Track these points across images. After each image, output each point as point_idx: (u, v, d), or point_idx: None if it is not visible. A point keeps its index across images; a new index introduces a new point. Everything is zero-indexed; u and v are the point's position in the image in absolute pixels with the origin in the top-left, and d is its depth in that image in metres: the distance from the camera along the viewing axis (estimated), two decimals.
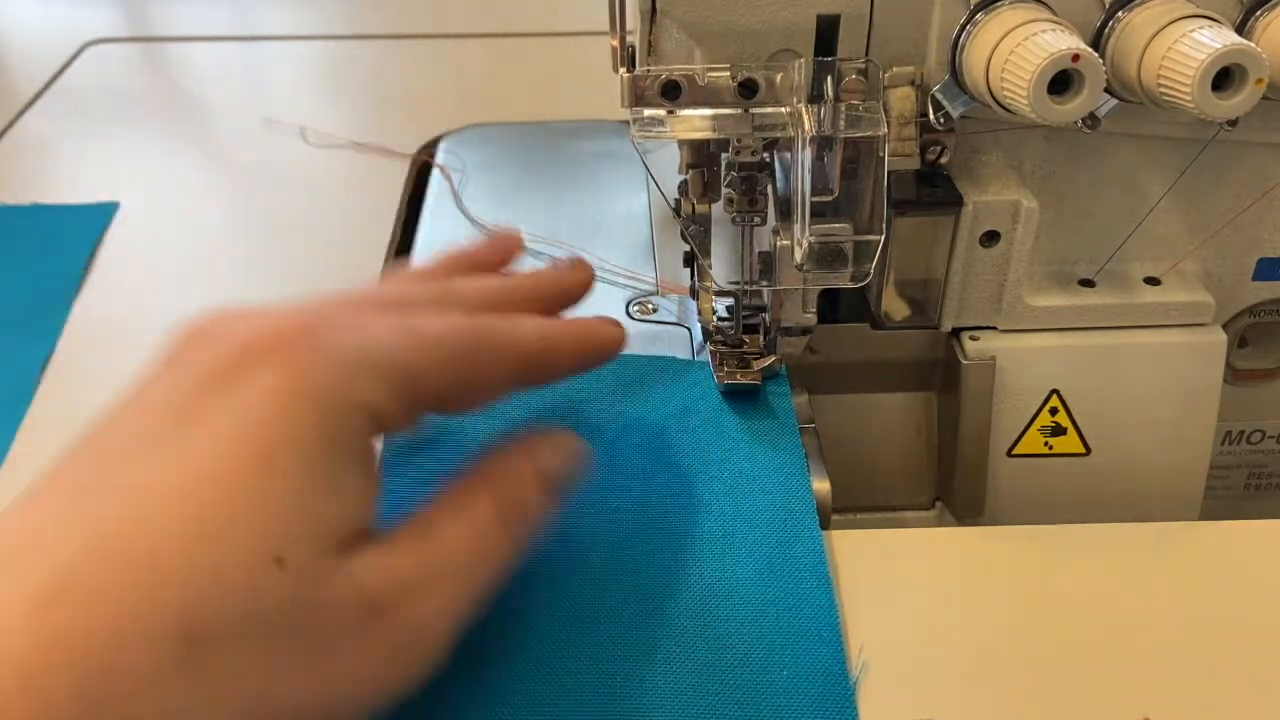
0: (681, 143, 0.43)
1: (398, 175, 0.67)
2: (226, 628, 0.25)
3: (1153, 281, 0.45)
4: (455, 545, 0.31)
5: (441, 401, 0.32)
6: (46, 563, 0.25)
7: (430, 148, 0.69)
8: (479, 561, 0.31)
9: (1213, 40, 0.34)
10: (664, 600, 0.35)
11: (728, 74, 0.39)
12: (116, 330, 0.55)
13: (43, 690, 0.23)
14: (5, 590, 0.25)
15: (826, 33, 0.39)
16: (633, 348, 0.50)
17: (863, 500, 0.49)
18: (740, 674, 0.34)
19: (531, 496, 0.33)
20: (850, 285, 0.41)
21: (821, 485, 0.41)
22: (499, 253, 0.40)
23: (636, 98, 0.39)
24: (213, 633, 0.25)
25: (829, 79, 0.38)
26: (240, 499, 0.26)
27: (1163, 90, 0.36)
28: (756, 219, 0.42)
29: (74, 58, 0.84)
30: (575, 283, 0.39)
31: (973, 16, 0.38)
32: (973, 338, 0.45)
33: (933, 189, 0.42)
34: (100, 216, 0.63)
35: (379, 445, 0.31)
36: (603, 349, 0.37)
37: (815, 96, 0.39)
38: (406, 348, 0.30)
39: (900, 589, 0.37)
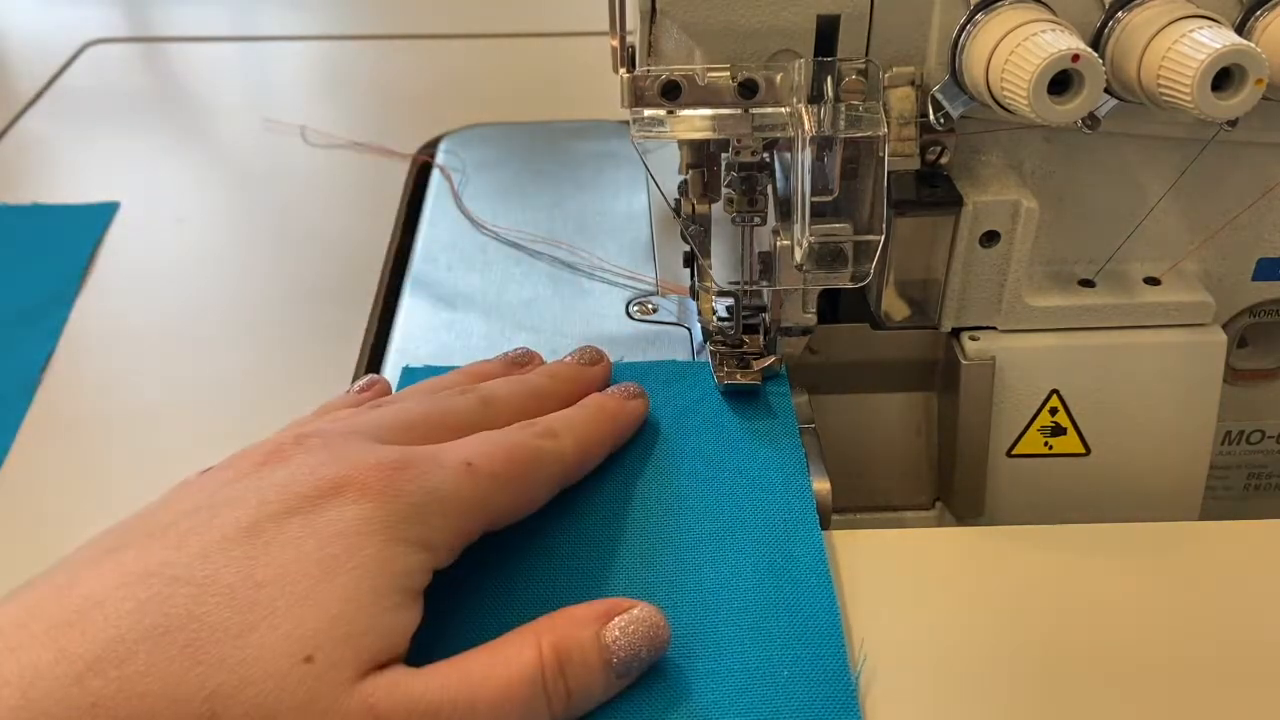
0: (681, 143, 0.43)
1: (398, 175, 0.67)
2: (245, 715, 0.27)
3: (1153, 281, 0.45)
4: (485, 687, 0.30)
5: (493, 525, 0.35)
6: (97, 636, 0.27)
7: (430, 148, 0.70)
8: (509, 708, 0.30)
9: (1212, 40, 0.34)
10: (663, 602, 0.35)
11: (728, 74, 0.39)
12: (117, 330, 0.55)
13: None
14: (53, 655, 0.27)
15: (826, 33, 0.39)
16: (633, 348, 0.51)
17: (863, 500, 0.49)
18: (740, 676, 0.34)
19: (591, 661, 0.32)
20: (850, 285, 0.41)
21: (821, 485, 0.41)
22: (515, 367, 0.44)
23: (636, 98, 0.39)
24: (232, 717, 0.27)
25: (829, 79, 0.38)
26: (292, 599, 0.29)
27: (1162, 90, 0.36)
28: (756, 219, 0.42)
29: (74, 58, 0.84)
30: (593, 378, 0.43)
31: (973, 16, 0.38)
32: (973, 338, 0.45)
33: (933, 189, 0.42)
34: (100, 216, 0.64)
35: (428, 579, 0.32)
36: (630, 428, 0.42)
37: (815, 96, 0.39)
38: (469, 490, 0.33)
39: (900, 589, 0.37)
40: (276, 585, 0.29)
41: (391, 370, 0.49)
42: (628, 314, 0.53)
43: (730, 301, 0.46)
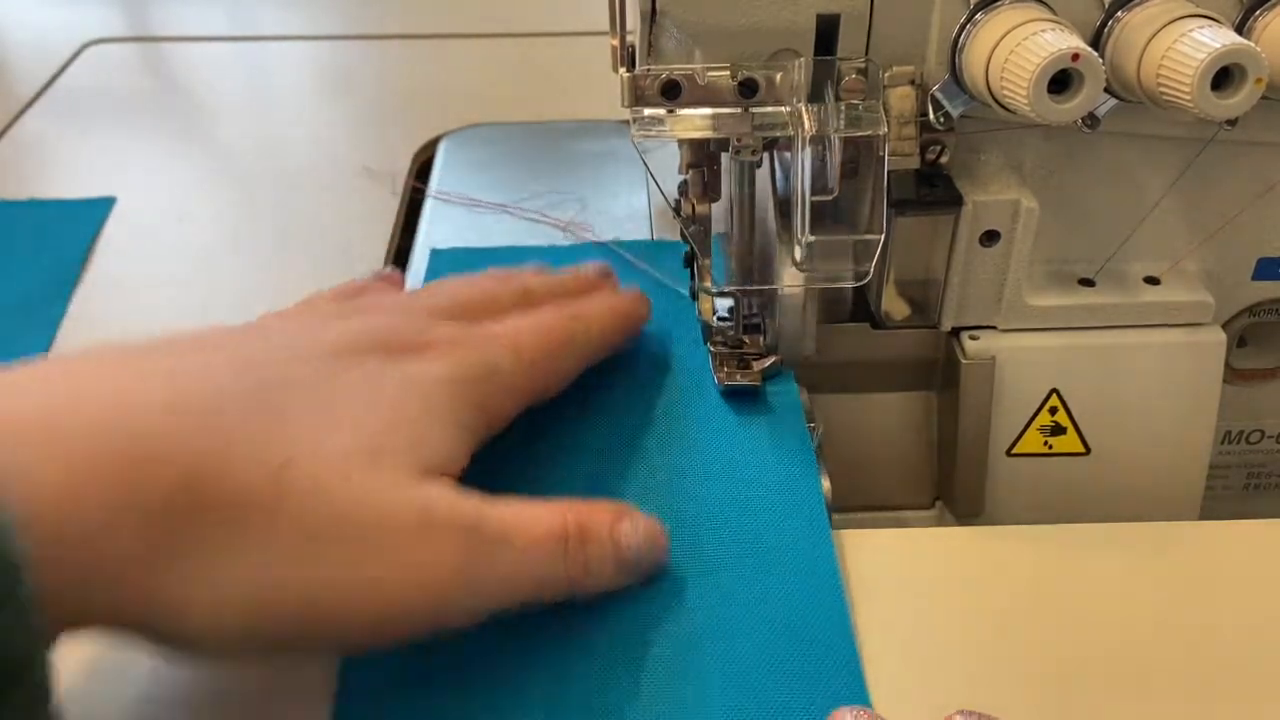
0: (681, 142, 0.43)
1: (398, 176, 0.67)
2: (309, 490, 0.30)
3: (1153, 281, 0.45)
4: (519, 527, 0.33)
5: (534, 400, 0.39)
6: (202, 387, 0.31)
7: (430, 147, 0.70)
8: (536, 554, 0.33)
9: (1212, 40, 0.34)
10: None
11: (728, 74, 0.39)
12: (114, 325, 0.55)
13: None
14: (161, 384, 0.30)
15: (826, 32, 0.39)
16: None
17: (863, 500, 0.49)
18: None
19: (606, 547, 0.35)
20: (850, 285, 0.41)
21: (821, 485, 0.41)
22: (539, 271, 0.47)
23: (636, 97, 0.39)
24: (298, 488, 0.29)
25: (829, 78, 0.38)
26: (367, 407, 0.32)
27: (1162, 90, 0.36)
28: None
29: (74, 58, 0.84)
30: (607, 286, 0.47)
31: (973, 16, 0.38)
32: (972, 337, 0.45)
33: (932, 189, 0.42)
34: (97, 211, 0.63)
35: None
36: (639, 324, 0.46)
37: (815, 96, 0.39)
38: (516, 368, 0.38)
39: (900, 589, 0.37)
40: (353, 393, 0.33)
41: None
42: None
43: (730, 302, 0.46)
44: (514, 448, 0.40)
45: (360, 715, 0.33)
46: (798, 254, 0.40)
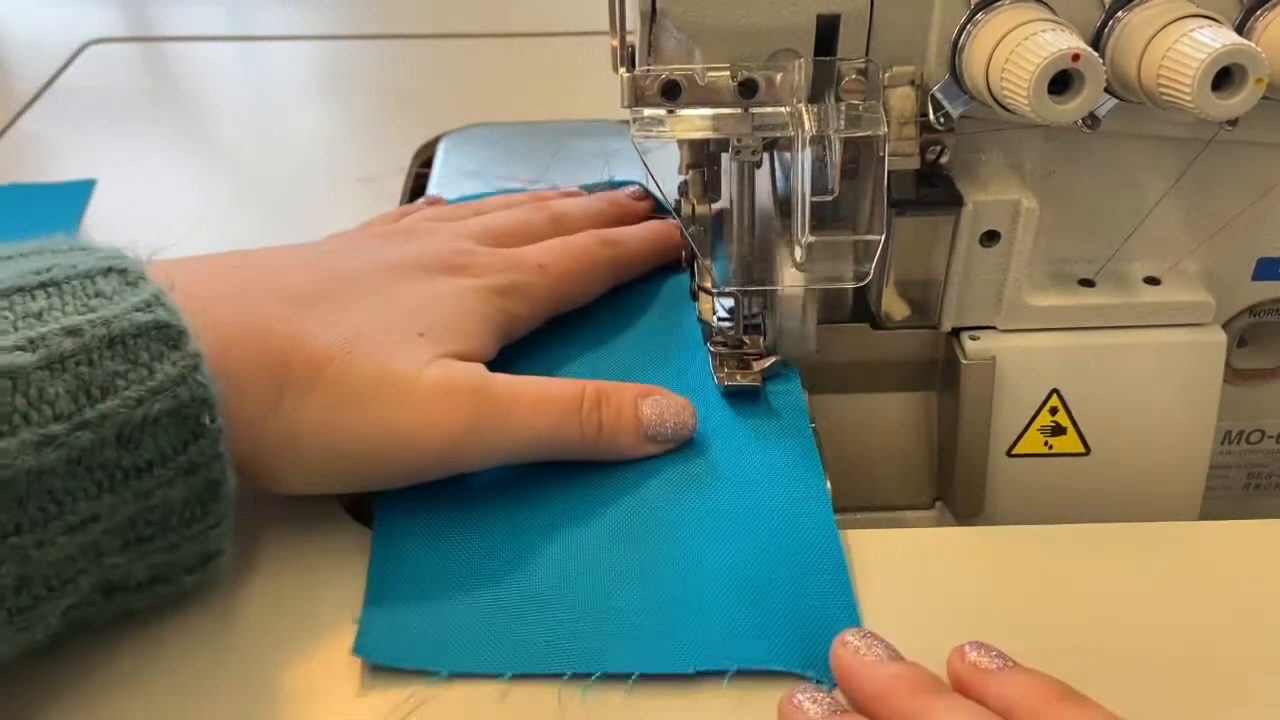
0: (681, 143, 0.43)
1: (398, 175, 0.67)
2: (369, 355, 0.38)
3: (1153, 281, 0.45)
4: (533, 387, 0.40)
5: (558, 311, 0.46)
6: (275, 276, 0.40)
7: (430, 147, 0.69)
8: (548, 407, 0.39)
9: (1212, 40, 0.34)
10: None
11: (728, 74, 0.39)
12: None
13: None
14: (237, 263, 0.40)
15: (826, 33, 0.39)
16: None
17: (863, 500, 0.49)
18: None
19: (626, 413, 0.41)
20: (850, 285, 0.41)
21: (824, 479, 0.41)
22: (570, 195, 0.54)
23: (636, 98, 0.39)
24: (360, 353, 0.38)
25: (829, 79, 0.38)
26: (417, 303, 0.41)
27: (1163, 90, 0.36)
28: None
29: (74, 57, 0.84)
30: (641, 210, 0.53)
31: (973, 16, 0.38)
32: (973, 337, 0.45)
33: (933, 189, 0.42)
34: (79, 194, 0.63)
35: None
36: (674, 250, 0.51)
37: (815, 96, 0.39)
38: (543, 284, 0.45)
39: (900, 589, 0.37)
40: (403, 296, 0.41)
41: None
42: None
43: (731, 302, 0.46)
44: None
45: (393, 560, 0.38)
46: (798, 254, 0.40)
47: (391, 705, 0.33)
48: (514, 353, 0.44)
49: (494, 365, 0.41)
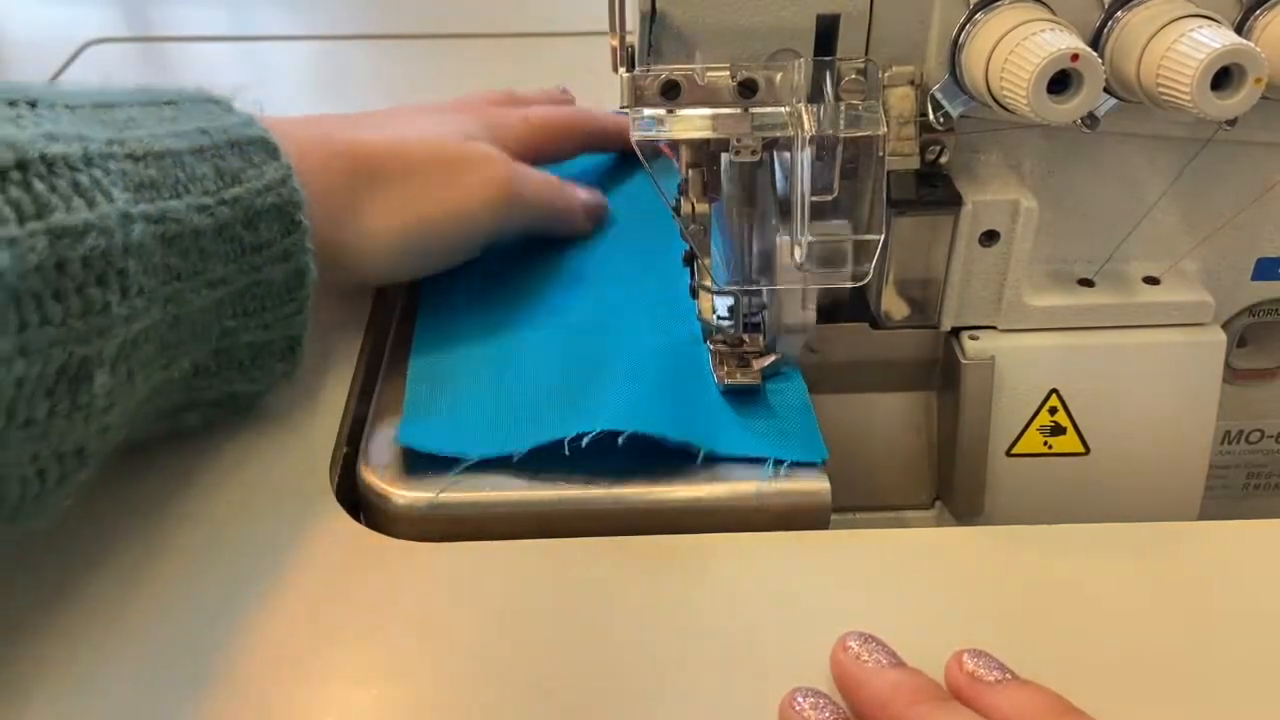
0: (681, 142, 0.43)
1: None
2: (433, 152, 0.47)
3: (1152, 281, 0.45)
4: (533, 170, 0.51)
5: (541, 160, 0.53)
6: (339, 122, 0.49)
7: None
8: (545, 187, 0.51)
9: (1212, 40, 0.34)
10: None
11: (727, 74, 0.39)
12: None
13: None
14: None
15: (826, 32, 0.39)
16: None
17: (863, 500, 0.49)
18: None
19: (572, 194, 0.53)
20: (850, 285, 0.41)
21: (821, 485, 0.41)
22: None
23: (636, 97, 0.39)
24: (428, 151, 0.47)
25: (828, 79, 0.38)
26: (458, 123, 0.51)
27: (1162, 90, 0.36)
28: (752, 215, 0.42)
29: (74, 58, 0.84)
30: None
31: (972, 16, 0.38)
32: (972, 337, 0.45)
33: (932, 189, 0.42)
34: None
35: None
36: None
37: (815, 96, 0.39)
38: (525, 127, 0.53)
39: (899, 588, 0.37)
40: (428, 119, 0.50)
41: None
42: None
43: (731, 301, 0.46)
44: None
45: (424, 376, 0.45)
46: (797, 254, 0.40)
47: (390, 704, 0.33)
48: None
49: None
